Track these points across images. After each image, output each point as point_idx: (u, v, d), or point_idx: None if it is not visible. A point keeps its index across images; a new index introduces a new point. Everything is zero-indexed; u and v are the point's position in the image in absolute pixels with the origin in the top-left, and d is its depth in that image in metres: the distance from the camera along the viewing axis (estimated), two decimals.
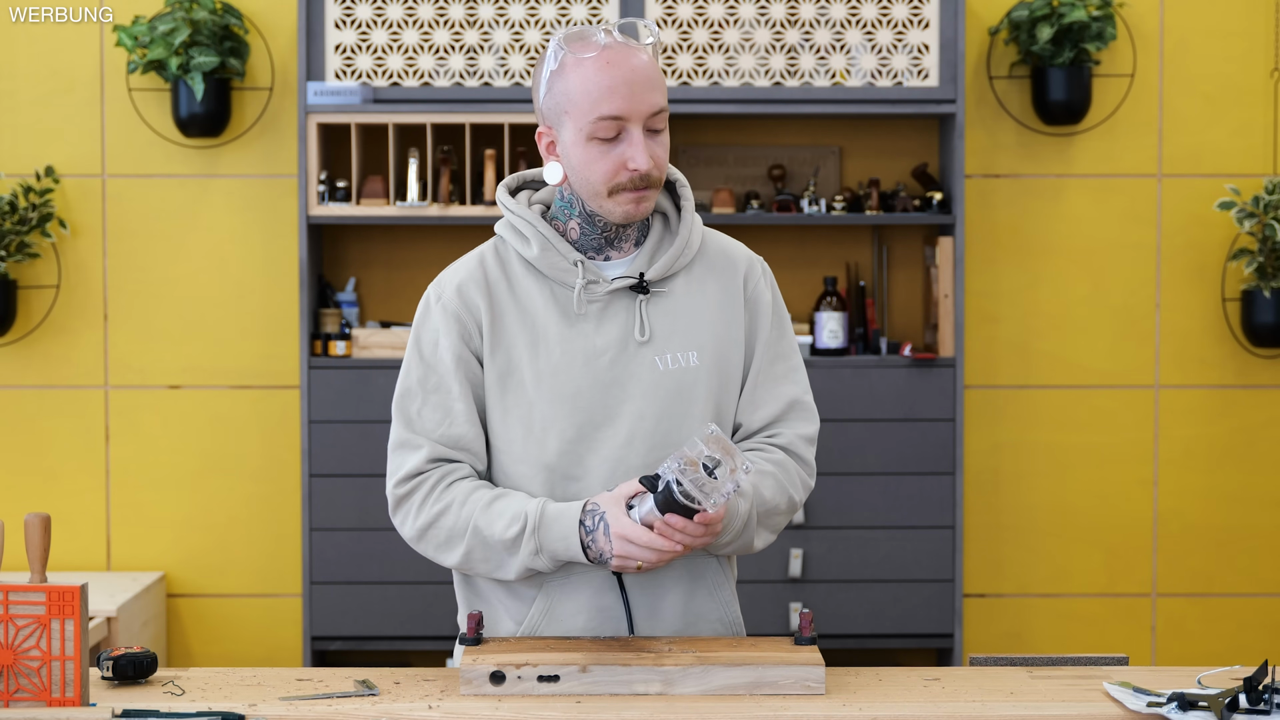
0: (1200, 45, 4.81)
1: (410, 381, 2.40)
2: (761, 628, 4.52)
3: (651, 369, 2.37)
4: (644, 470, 2.34)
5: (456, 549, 2.34)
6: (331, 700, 2.17)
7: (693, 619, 2.40)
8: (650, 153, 2.32)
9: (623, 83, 2.30)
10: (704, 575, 2.40)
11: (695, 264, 2.44)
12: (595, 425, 2.35)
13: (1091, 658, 2.52)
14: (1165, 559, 4.86)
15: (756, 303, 2.46)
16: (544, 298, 2.38)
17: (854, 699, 2.17)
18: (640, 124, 2.32)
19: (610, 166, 2.33)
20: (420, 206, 4.53)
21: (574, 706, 2.13)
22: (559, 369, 2.35)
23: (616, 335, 2.37)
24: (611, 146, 2.32)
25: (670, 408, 2.37)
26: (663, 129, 2.35)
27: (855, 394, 4.55)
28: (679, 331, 2.39)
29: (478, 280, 2.39)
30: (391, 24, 4.56)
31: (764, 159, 4.80)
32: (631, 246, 2.42)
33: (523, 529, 2.30)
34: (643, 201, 2.34)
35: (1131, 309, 4.84)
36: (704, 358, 2.39)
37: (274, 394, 4.78)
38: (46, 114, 4.75)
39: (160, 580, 4.74)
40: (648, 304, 2.39)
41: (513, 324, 2.38)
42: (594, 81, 2.31)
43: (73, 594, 2.12)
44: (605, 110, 2.30)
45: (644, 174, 2.32)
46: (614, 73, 2.31)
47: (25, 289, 4.75)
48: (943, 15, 4.55)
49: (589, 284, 2.37)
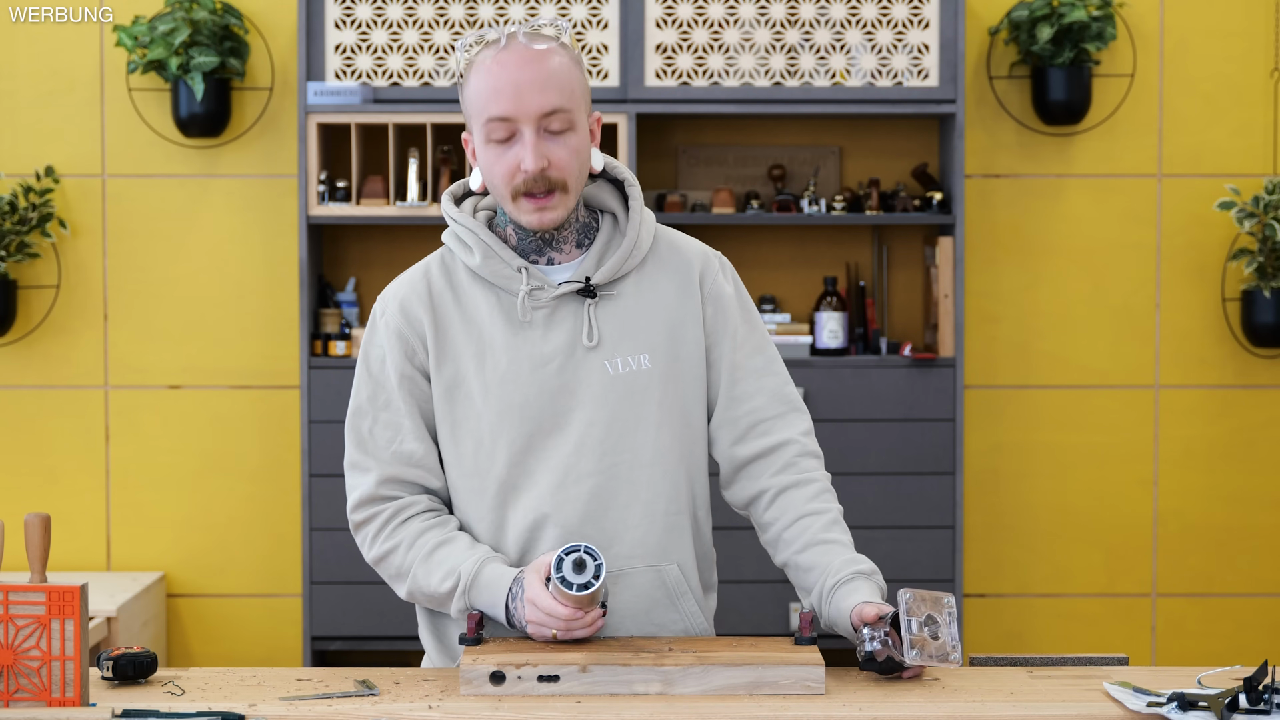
0: (1200, 45, 4.81)
1: (361, 399, 2.38)
2: (761, 628, 4.52)
3: (601, 374, 2.33)
4: (594, 476, 2.33)
5: (401, 587, 2.37)
6: (331, 700, 2.17)
7: (653, 630, 2.37)
8: (544, 153, 2.27)
9: (509, 84, 2.26)
10: (664, 584, 2.37)
11: (647, 263, 2.39)
12: (545, 433, 2.32)
13: (1091, 658, 2.52)
14: (1165, 559, 4.86)
15: (719, 298, 2.41)
16: (489, 306, 2.35)
17: (854, 699, 2.17)
18: (532, 125, 2.27)
19: (505, 169, 2.29)
20: (420, 206, 4.53)
21: (574, 706, 2.13)
22: (506, 378, 2.32)
23: (564, 341, 2.33)
24: (506, 148, 2.29)
25: (621, 412, 2.33)
26: (564, 130, 2.29)
27: (855, 394, 4.55)
28: (629, 334, 2.35)
29: (420, 294, 2.36)
30: (391, 24, 4.56)
31: (764, 159, 4.80)
32: (573, 248, 2.38)
33: (454, 587, 2.30)
34: (546, 211, 2.30)
35: (1131, 309, 4.84)
36: (657, 360, 2.35)
37: (274, 394, 4.78)
38: (46, 114, 4.75)
39: (160, 580, 4.74)
40: (596, 307, 2.35)
41: (459, 335, 2.35)
42: (485, 83, 2.28)
43: (73, 594, 2.12)
44: (493, 111, 2.27)
45: (535, 175, 2.27)
46: (502, 74, 2.27)
47: (25, 289, 4.75)
48: (943, 15, 4.55)
49: (533, 290, 2.33)
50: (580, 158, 2.32)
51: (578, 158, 2.31)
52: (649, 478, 2.35)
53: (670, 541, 2.37)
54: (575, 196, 2.33)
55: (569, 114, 2.29)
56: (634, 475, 2.34)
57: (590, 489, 2.33)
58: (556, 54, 2.30)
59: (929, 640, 2.19)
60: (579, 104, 2.31)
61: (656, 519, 2.36)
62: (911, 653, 2.18)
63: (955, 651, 2.21)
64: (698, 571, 2.42)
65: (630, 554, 2.35)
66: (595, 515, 2.33)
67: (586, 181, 2.38)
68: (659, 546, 2.36)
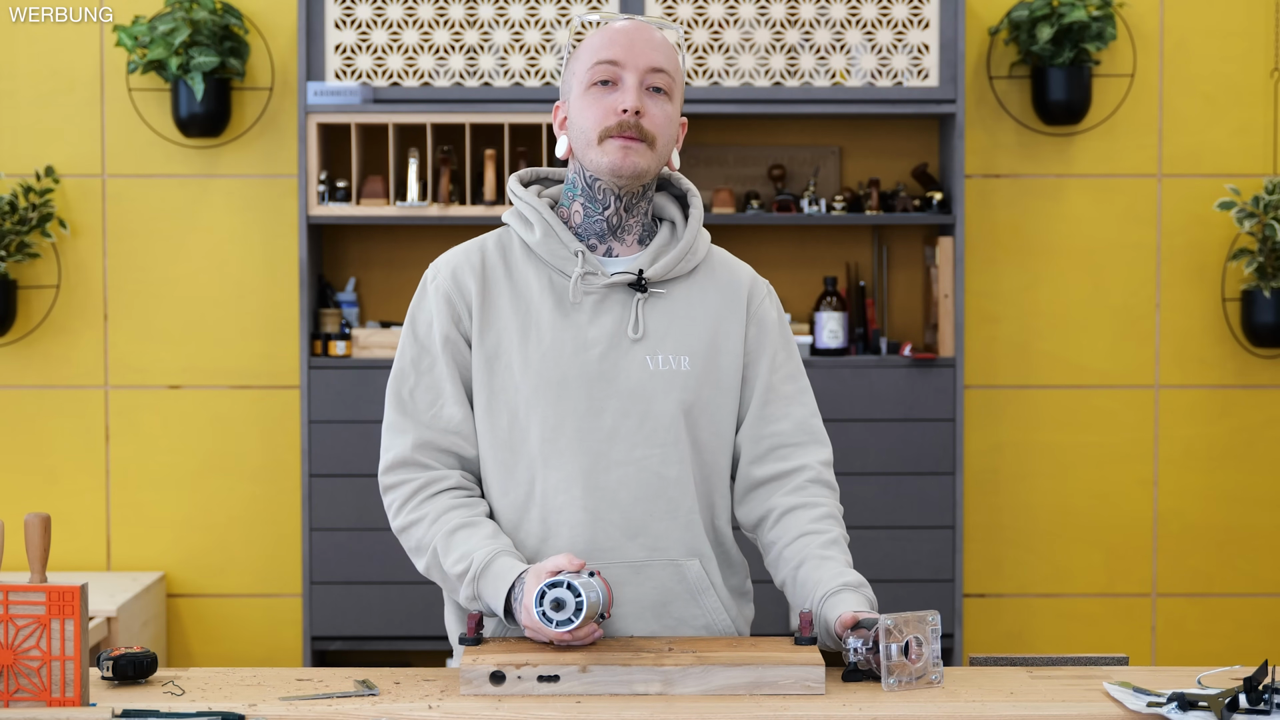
0: (1200, 45, 4.81)
1: (404, 363, 2.42)
2: (762, 628, 4.52)
3: (641, 367, 2.38)
4: (624, 467, 2.35)
5: (421, 560, 2.39)
6: (331, 700, 2.17)
7: (673, 623, 2.39)
8: (643, 104, 2.36)
9: (623, 35, 2.37)
10: (684, 579, 2.39)
11: (698, 273, 2.45)
12: (579, 416, 2.36)
13: (1091, 658, 2.52)
14: (1165, 559, 4.86)
15: (762, 320, 2.47)
16: (541, 285, 2.40)
17: (854, 699, 2.17)
18: (637, 74, 2.36)
19: (602, 111, 2.36)
20: (420, 206, 4.53)
21: (574, 706, 2.13)
22: (547, 355, 2.36)
23: (609, 329, 2.38)
24: (606, 93, 2.37)
25: (655, 407, 2.37)
26: (665, 92, 2.38)
27: (855, 394, 4.55)
28: (673, 334, 2.40)
29: (474, 264, 2.42)
30: (391, 24, 4.56)
31: (764, 159, 4.80)
32: (634, 242, 2.43)
33: (465, 571, 2.32)
34: (630, 152, 2.35)
35: (1131, 309, 4.84)
36: (696, 364, 2.40)
37: (274, 394, 4.78)
38: (46, 114, 4.75)
39: (160, 580, 4.74)
40: (645, 303, 2.40)
41: (505, 307, 2.39)
42: (598, 39, 2.39)
43: (73, 594, 2.12)
44: (603, 55, 2.37)
45: (631, 117, 2.34)
46: (617, 30, 2.38)
47: (25, 289, 4.75)
48: (943, 15, 4.55)
49: (586, 274, 2.38)
50: (670, 127, 2.40)
51: (669, 124, 2.40)
52: (676, 475, 2.39)
53: (691, 538, 2.41)
54: (658, 161, 2.40)
55: (670, 80, 2.39)
56: (662, 471, 2.38)
57: (618, 478, 2.36)
58: (668, 38, 2.42)
59: (908, 664, 2.22)
60: (678, 84, 2.41)
61: (679, 516, 2.39)
62: (889, 680, 2.21)
63: (936, 670, 2.24)
64: (720, 572, 2.45)
65: (653, 546, 2.38)
66: (620, 504, 2.37)
67: (661, 173, 2.46)
68: (681, 542, 2.40)
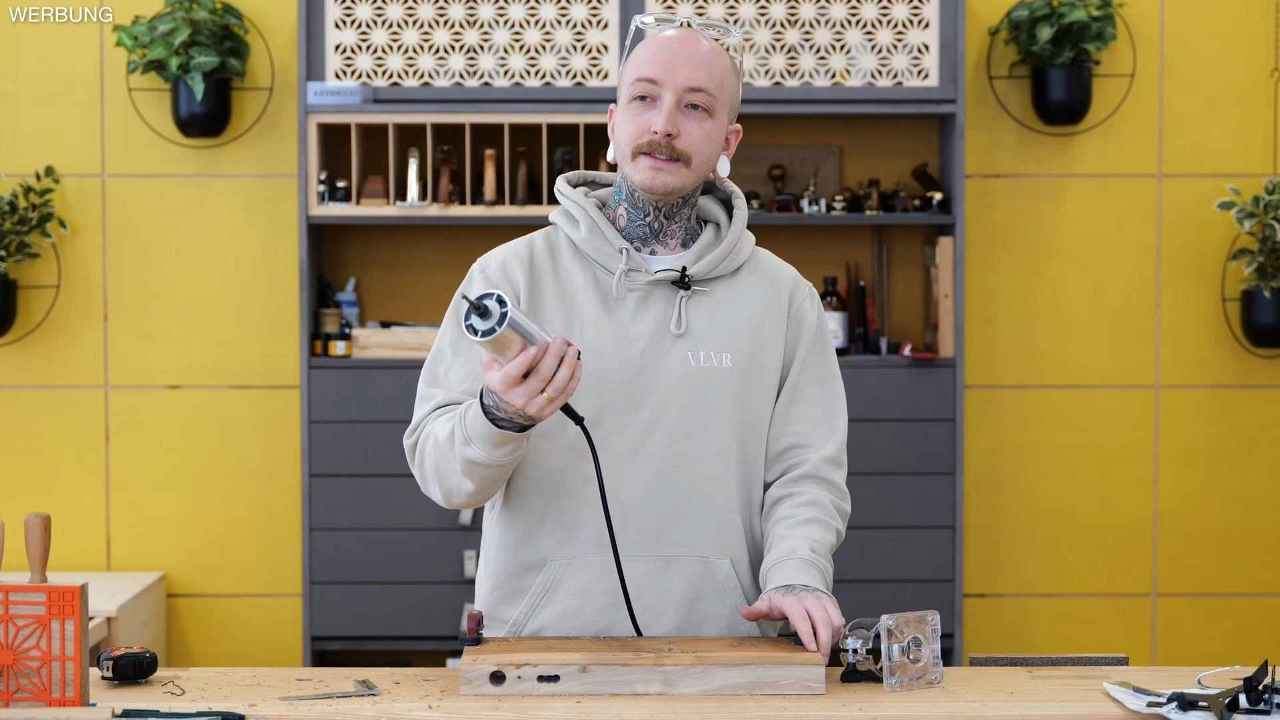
0: (1200, 45, 4.81)
1: (443, 344, 2.43)
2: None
3: (683, 363, 2.40)
4: (660, 460, 2.36)
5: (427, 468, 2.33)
6: (331, 700, 2.17)
7: (698, 620, 2.40)
8: (676, 123, 2.37)
9: (666, 52, 2.38)
10: (714, 577, 2.41)
11: (742, 272, 2.47)
12: (618, 409, 2.37)
13: (1091, 658, 2.52)
14: (1165, 559, 4.86)
15: (801, 320, 2.48)
16: (586, 282, 2.42)
17: (854, 699, 2.17)
18: (674, 94, 2.37)
19: (637, 127, 2.38)
20: (420, 206, 4.53)
21: (574, 706, 2.13)
22: (590, 349, 2.38)
23: (652, 326, 2.40)
24: (643, 109, 2.39)
25: (695, 404, 2.39)
26: (703, 109, 2.38)
27: (855, 394, 4.52)
28: (715, 331, 2.42)
29: (523, 258, 2.44)
30: (391, 24, 4.56)
31: (764, 159, 4.80)
32: (677, 245, 2.46)
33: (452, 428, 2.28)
34: (660, 172, 2.37)
35: (1131, 309, 4.84)
36: (737, 361, 2.42)
37: (274, 394, 4.78)
38: (46, 114, 4.75)
39: (160, 580, 4.74)
40: (688, 300, 2.42)
41: (550, 301, 2.41)
42: (646, 50, 2.40)
43: (73, 594, 2.12)
44: (644, 72, 2.38)
45: (661, 138, 2.35)
46: (663, 44, 2.39)
47: (25, 289, 4.75)
48: (943, 15, 4.55)
49: (630, 271, 2.41)
50: (709, 144, 2.41)
51: (707, 141, 2.40)
52: (712, 471, 2.40)
53: (725, 537, 2.41)
54: (695, 177, 2.41)
55: (711, 98, 2.39)
56: (698, 467, 2.39)
57: (654, 472, 2.38)
58: (718, 48, 2.42)
59: (909, 664, 2.22)
60: (723, 98, 2.41)
61: (713, 513, 2.40)
62: (891, 680, 2.21)
63: (936, 670, 2.24)
64: (752, 573, 2.46)
65: (684, 542, 2.39)
66: (655, 498, 2.38)
67: (706, 179, 2.45)
68: (713, 540, 2.41)
